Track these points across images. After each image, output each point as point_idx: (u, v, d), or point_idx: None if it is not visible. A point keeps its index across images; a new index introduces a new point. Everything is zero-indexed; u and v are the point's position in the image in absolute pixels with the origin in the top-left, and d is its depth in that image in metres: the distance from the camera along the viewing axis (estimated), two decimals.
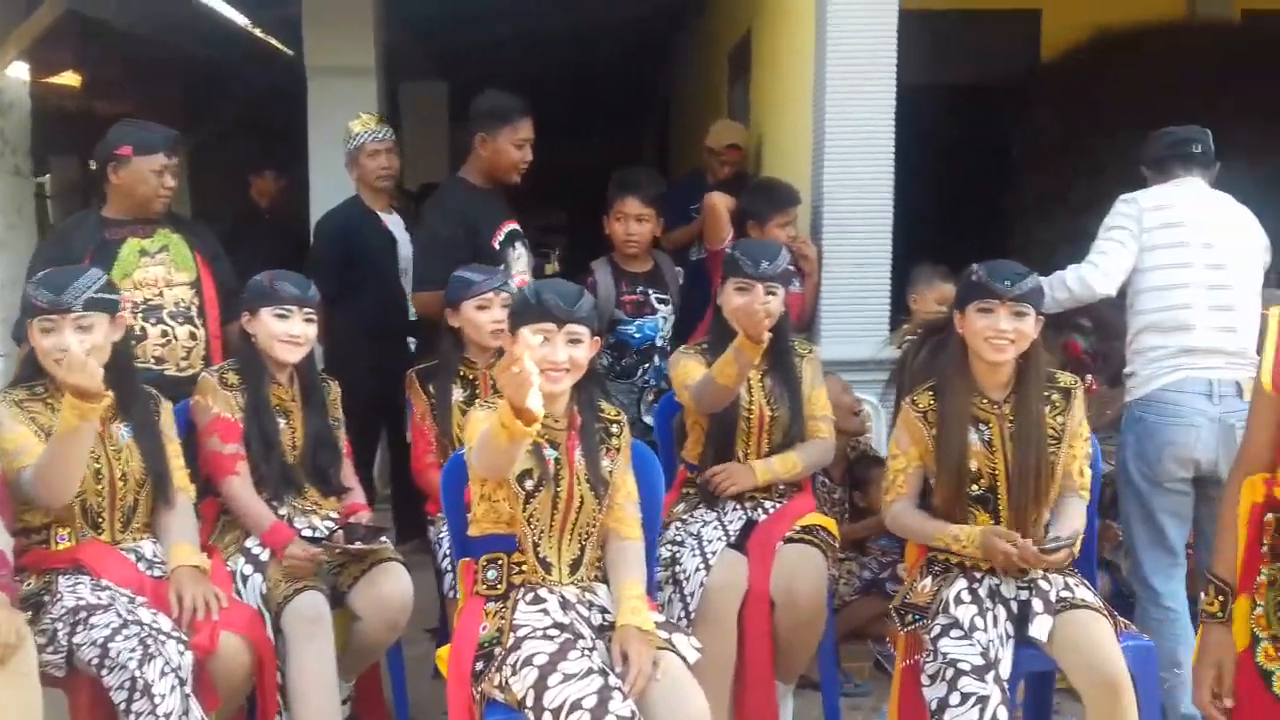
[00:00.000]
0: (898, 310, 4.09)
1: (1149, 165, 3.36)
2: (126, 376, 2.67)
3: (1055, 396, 2.71)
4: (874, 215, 3.97)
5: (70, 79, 6.36)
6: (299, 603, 2.64)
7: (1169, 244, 3.15)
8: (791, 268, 3.07)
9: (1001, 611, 2.56)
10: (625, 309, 3.92)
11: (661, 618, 2.46)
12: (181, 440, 2.82)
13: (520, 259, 3.80)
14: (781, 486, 3.07)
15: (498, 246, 3.69)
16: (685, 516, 3.04)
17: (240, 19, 6.19)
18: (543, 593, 2.41)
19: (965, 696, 2.38)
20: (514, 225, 3.78)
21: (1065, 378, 2.77)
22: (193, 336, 3.31)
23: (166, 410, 2.78)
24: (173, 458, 2.72)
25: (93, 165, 3.46)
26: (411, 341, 4.35)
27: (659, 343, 3.93)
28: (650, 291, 3.99)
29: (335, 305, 4.28)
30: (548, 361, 2.35)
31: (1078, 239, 6.62)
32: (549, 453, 2.43)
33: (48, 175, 8.90)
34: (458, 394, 3.27)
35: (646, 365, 3.93)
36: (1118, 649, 2.47)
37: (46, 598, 2.46)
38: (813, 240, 4.05)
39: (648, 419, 3.98)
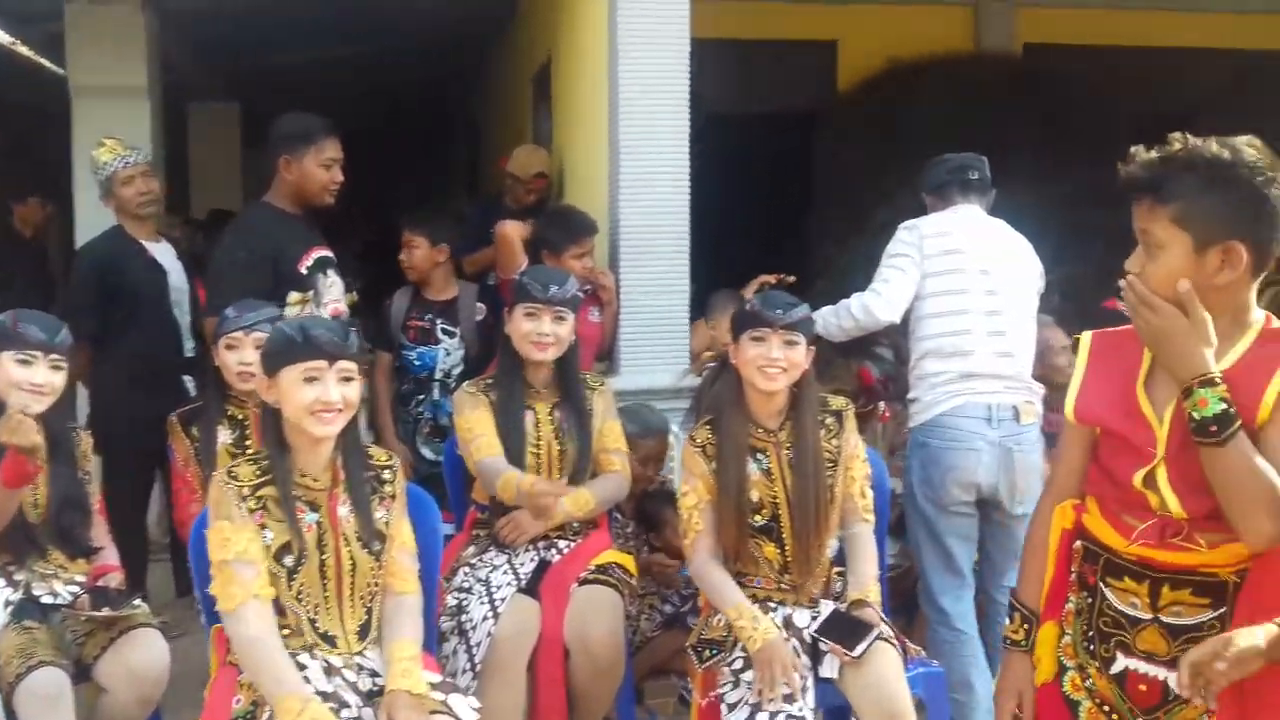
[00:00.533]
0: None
1: (929, 192, 3.42)
2: None
3: (829, 420, 2.73)
4: (671, 243, 3.93)
5: None
6: (33, 681, 2.35)
7: (948, 270, 3.19)
8: (580, 294, 2.97)
9: (795, 644, 2.53)
10: (409, 334, 3.81)
11: (438, 678, 2.30)
12: None
13: (333, 286, 3.59)
14: (576, 524, 2.96)
15: (305, 272, 3.47)
16: (474, 561, 2.88)
17: (3, 36, 5.72)
18: (304, 658, 2.21)
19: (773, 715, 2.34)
20: (324, 252, 3.57)
21: (836, 401, 2.80)
22: None
23: None
24: None
25: None
26: (189, 380, 4.05)
27: (439, 375, 3.83)
28: (439, 321, 3.88)
29: (99, 345, 3.95)
30: (320, 403, 2.18)
31: (875, 265, 6.89)
32: (308, 518, 2.25)
33: None
34: (224, 436, 3.02)
35: (423, 396, 3.83)
36: (903, 682, 2.47)
37: None
38: (611, 268, 3.98)
39: (425, 450, 3.86)
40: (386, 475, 2.38)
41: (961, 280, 3.17)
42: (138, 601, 2.66)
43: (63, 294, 3.97)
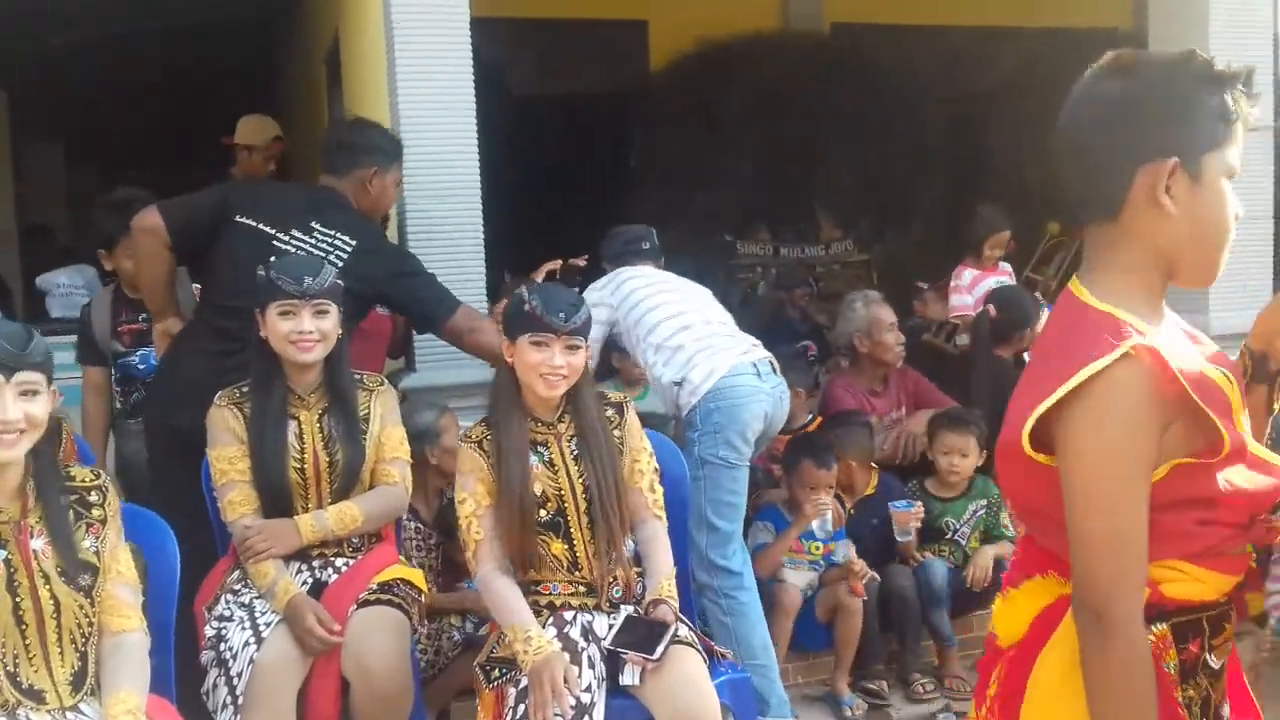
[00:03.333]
0: None
1: (608, 260, 3.64)
2: None
3: (609, 412, 2.61)
4: (463, 227, 3.69)
5: None
6: None
7: (649, 291, 3.36)
8: (340, 283, 2.70)
9: (595, 652, 2.38)
10: (123, 340, 3.47)
11: None
12: None
13: None
14: (356, 540, 2.70)
15: None
16: (237, 586, 2.60)
17: None
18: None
19: None
20: None
21: (614, 394, 2.72)
22: None
23: None
24: None
25: None
26: None
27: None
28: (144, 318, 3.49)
29: None
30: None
31: (699, 248, 6.83)
32: None
33: None
34: None
35: None
36: (709, 685, 2.34)
37: None
38: None
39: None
40: (94, 497, 2.08)
41: (664, 296, 3.37)
42: None
43: None
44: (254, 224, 3.03)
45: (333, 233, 3.05)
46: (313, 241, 3.03)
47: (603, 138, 7.04)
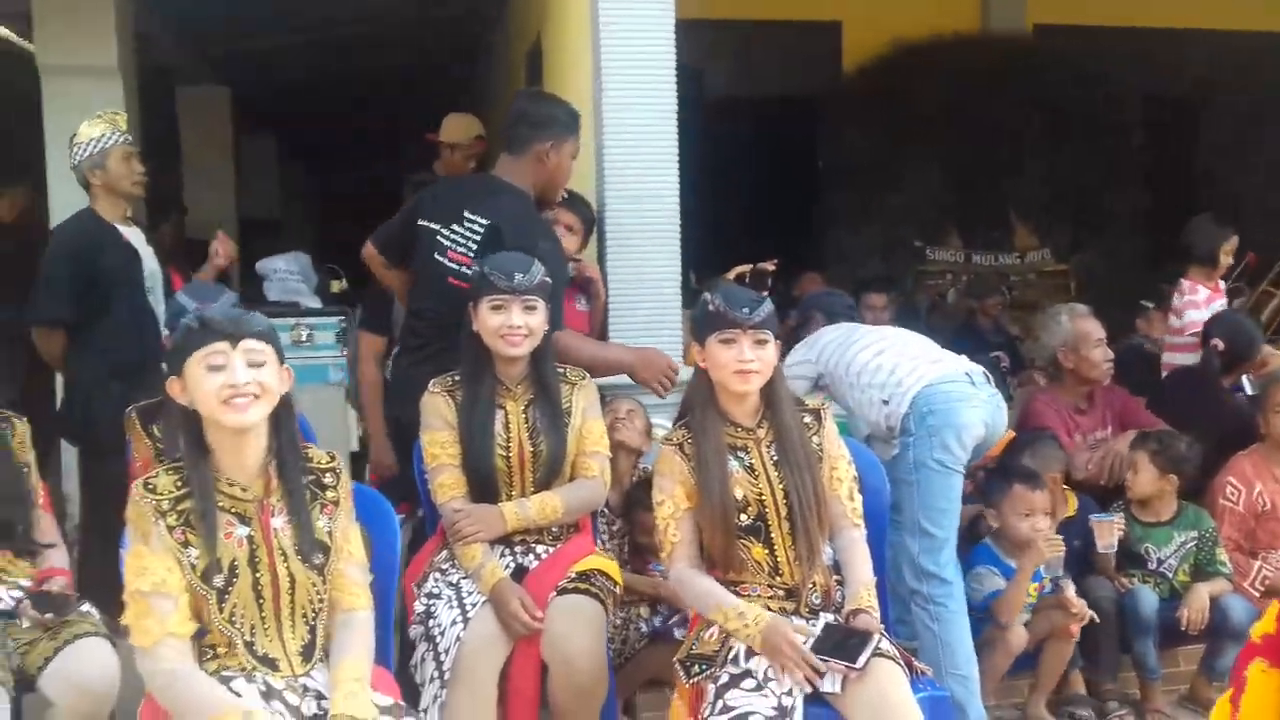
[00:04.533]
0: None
1: (826, 316, 3.71)
2: None
3: (807, 418, 2.59)
4: (660, 231, 3.73)
5: None
6: None
7: (850, 336, 3.41)
8: (548, 280, 2.78)
9: None
10: None
11: (389, 701, 2.12)
12: None
13: None
14: (556, 528, 2.79)
15: None
16: (445, 566, 2.71)
17: None
18: (239, 683, 2.02)
19: None
20: None
21: (811, 400, 2.70)
22: None
23: None
24: None
25: None
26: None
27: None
28: None
29: (74, 333, 3.80)
30: (229, 387, 1.99)
31: (887, 253, 6.72)
32: (238, 532, 2.06)
33: None
34: None
35: None
36: (912, 702, 2.30)
37: None
38: (599, 257, 3.80)
39: None
40: (328, 479, 2.18)
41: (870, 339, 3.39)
42: (86, 608, 2.51)
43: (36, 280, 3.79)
44: (428, 224, 3.17)
45: (476, 218, 3.13)
46: (463, 232, 3.14)
47: (792, 140, 7.01)
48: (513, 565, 2.70)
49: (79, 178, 3.83)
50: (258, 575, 2.05)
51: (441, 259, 3.13)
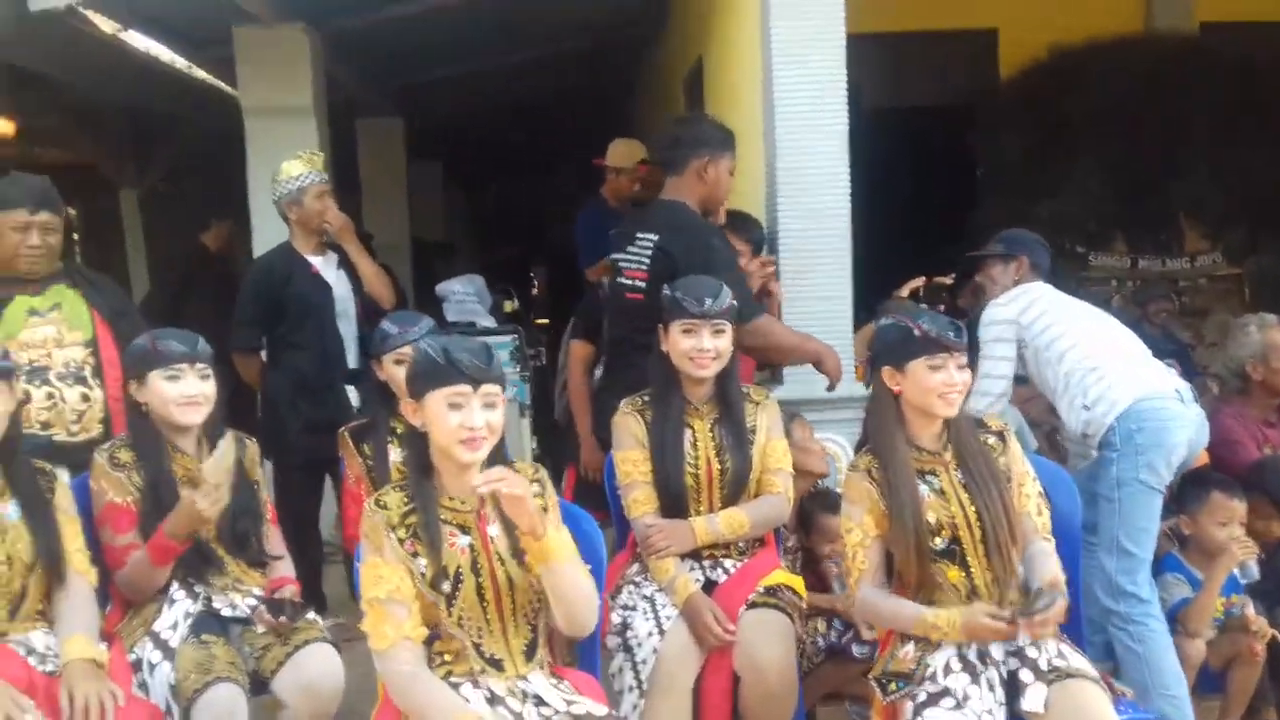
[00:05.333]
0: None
1: (1031, 261, 3.58)
2: (14, 451, 2.48)
3: (990, 440, 2.60)
4: (832, 248, 3.80)
5: (5, 127, 6.15)
6: (211, 696, 2.40)
7: (1060, 315, 3.33)
8: (735, 303, 2.89)
9: (994, 675, 2.38)
10: None
11: (602, 710, 2.25)
12: (85, 519, 2.61)
13: None
14: (742, 543, 2.88)
15: None
16: (638, 579, 2.84)
17: (180, 61, 6.00)
18: (466, 689, 2.19)
19: None
20: None
21: (993, 421, 2.69)
22: (85, 399, 3.10)
23: (62, 486, 2.57)
24: (69, 538, 2.49)
25: None
26: (352, 391, 4.16)
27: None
28: None
29: (269, 357, 4.12)
30: (466, 429, 2.16)
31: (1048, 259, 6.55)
32: (461, 541, 2.23)
33: None
34: (395, 454, 3.07)
35: None
36: None
37: None
38: None
39: None
40: (535, 489, 2.33)
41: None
42: (312, 615, 2.72)
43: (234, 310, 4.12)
44: (614, 257, 3.41)
45: (647, 235, 3.29)
46: (636, 251, 3.30)
47: (947, 149, 6.96)
48: (702, 579, 2.81)
49: (279, 211, 4.14)
50: (480, 580, 2.22)
51: (621, 280, 3.34)
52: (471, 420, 2.15)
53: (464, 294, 5.69)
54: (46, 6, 3.88)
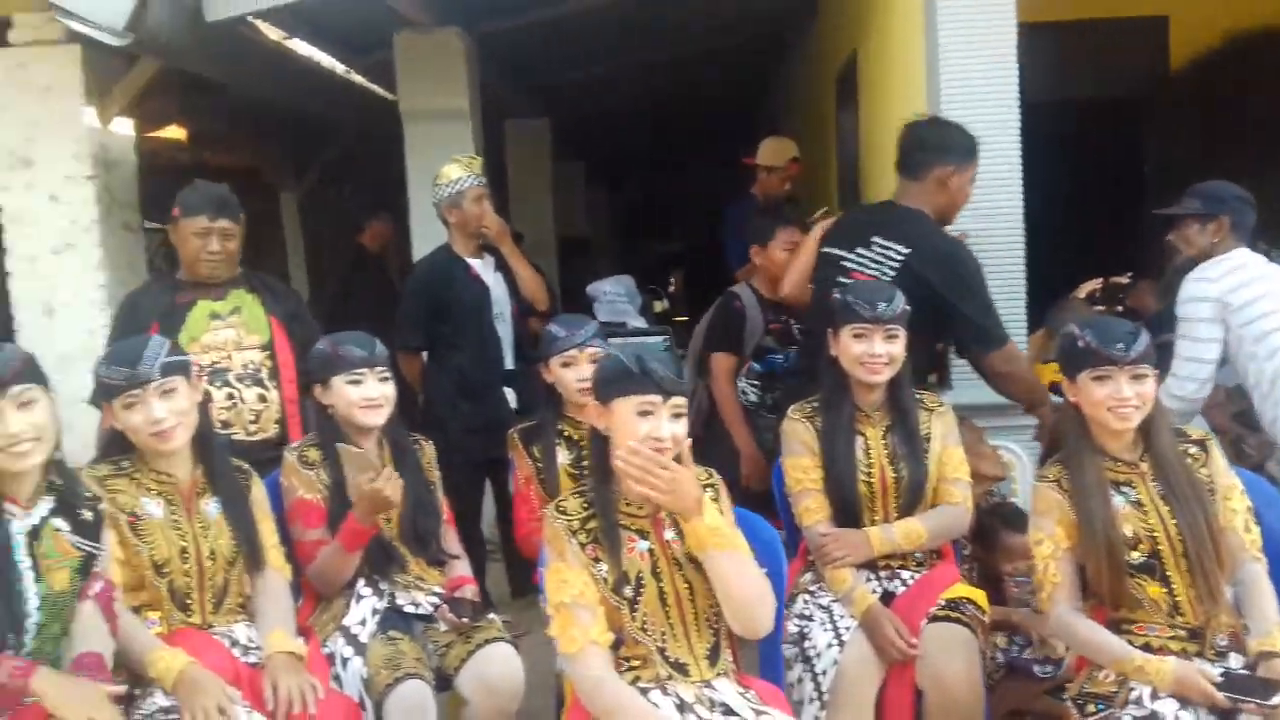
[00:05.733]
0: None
1: (1234, 221, 3.30)
2: (211, 447, 2.56)
3: (1192, 450, 2.47)
4: (1004, 247, 3.67)
5: (175, 133, 6.43)
6: (402, 691, 2.45)
7: (1264, 291, 3.12)
8: (907, 308, 2.80)
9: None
10: (774, 336, 3.76)
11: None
12: (276, 516, 2.69)
13: None
14: (919, 554, 2.80)
15: None
16: (812, 588, 2.78)
17: (339, 67, 6.18)
18: (655, 695, 2.17)
19: None
20: None
21: (1194, 430, 2.56)
22: (262, 399, 3.21)
23: (258, 483, 2.65)
24: (266, 534, 2.58)
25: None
26: (510, 392, 4.21)
27: None
28: (792, 321, 3.90)
29: (430, 357, 4.19)
30: (653, 440, 2.15)
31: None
32: (640, 546, 2.22)
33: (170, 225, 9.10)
34: (563, 457, 3.08)
35: None
36: None
37: (138, 691, 2.31)
38: None
39: None
40: (709, 494, 2.30)
41: None
42: (492, 615, 2.75)
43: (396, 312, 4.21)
44: (830, 249, 3.26)
45: (889, 244, 3.15)
46: (871, 256, 3.17)
47: (1112, 143, 6.66)
48: (879, 590, 2.73)
49: (438, 215, 4.21)
50: (661, 585, 2.21)
51: (843, 280, 3.17)
52: (659, 430, 2.14)
53: (614, 294, 5.72)
54: (223, 16, 4.03)
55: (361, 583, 2.71)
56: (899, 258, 3.12)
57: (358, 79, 6.33)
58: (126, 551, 2.36)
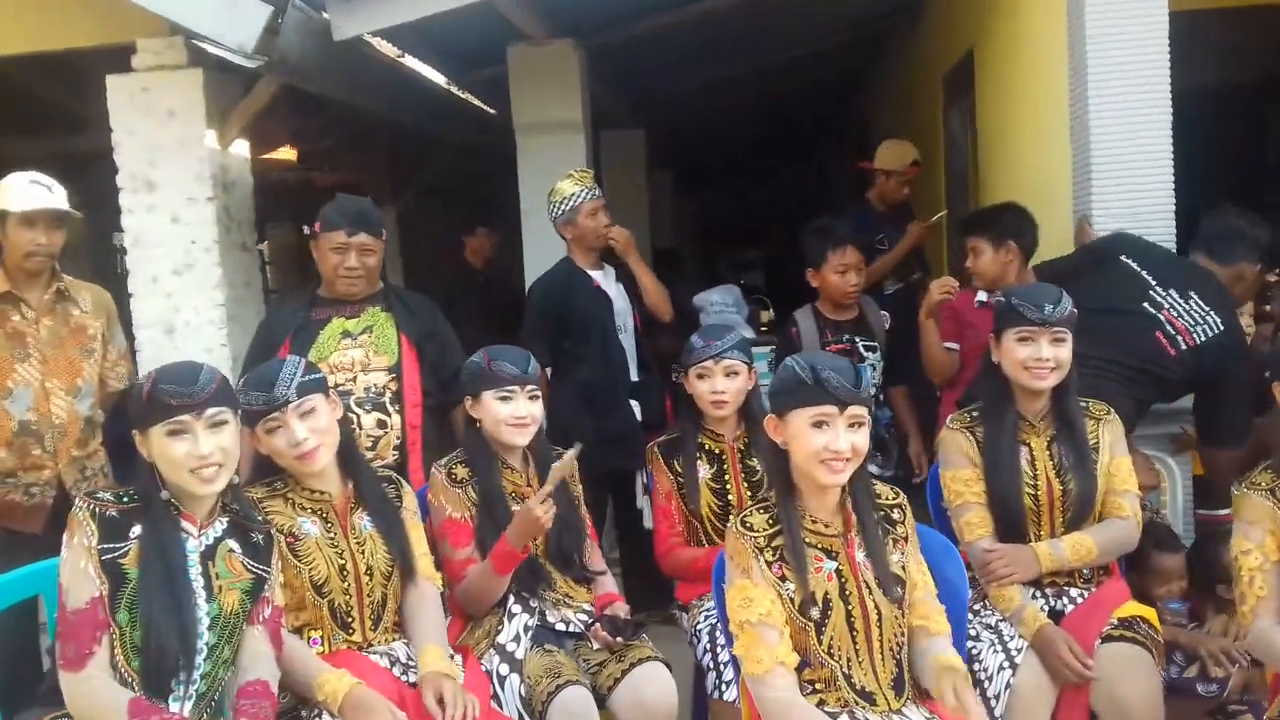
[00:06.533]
0: None
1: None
2: (358, 461, 2.55)
3: None
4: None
5: (287, 153, 6.53)
6: (565, 698, 2.41)
7: None
8: (1075, 310, 2.67)
9: None
10: None
11: None
12: None
13: None
14: (1086, 570, 2.67)
15: None
16: (976, 607, 2.66)
17: (442, 82, 6.21)
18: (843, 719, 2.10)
19: None
20: None
21: None
22: (381, 425, 3.15)
23: (408, 492, 2.63)
24: (416, 542, 2.55)
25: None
26: (635, 404, 4.15)
27: (871, 391, 3.71)
28: (857, 339, 3.83)
29: (554, 372, 4.14)
30: (830, 451, 2.07)
31: None
32: (828, 566, 2.14)
33: (264, 242, 9.28)
34: (704, 470, 3.02)
35: None
36: None
37: (304, 713, 2.29)
38: None
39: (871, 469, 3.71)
40: (896, 515, 2.23)
41: None
42: (644, 635, 2.69)
43: (521, 323, 4.17)
44: (1137, 268, 3.22)
45: (1208, 310, 3.13)
46: (1186, 308, 3.14)
47: (1237, 134, 6.41)
48: (1046, 609, 2.62)
49: (556, 230, 4.17)
50: (849, 608, 2.12)
51: (1154, 312, 3.15)
52: (837, 443, 2.07)
53: (722, 304, 5.63)
54: (350, 35, 4.04)
55: (512, 600, 2.67)
56: (1214, 330, 3.11)
57: (459, 94, 6.35)
58: (287, 573, 2.35)
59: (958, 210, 5.96)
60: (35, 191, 3.15)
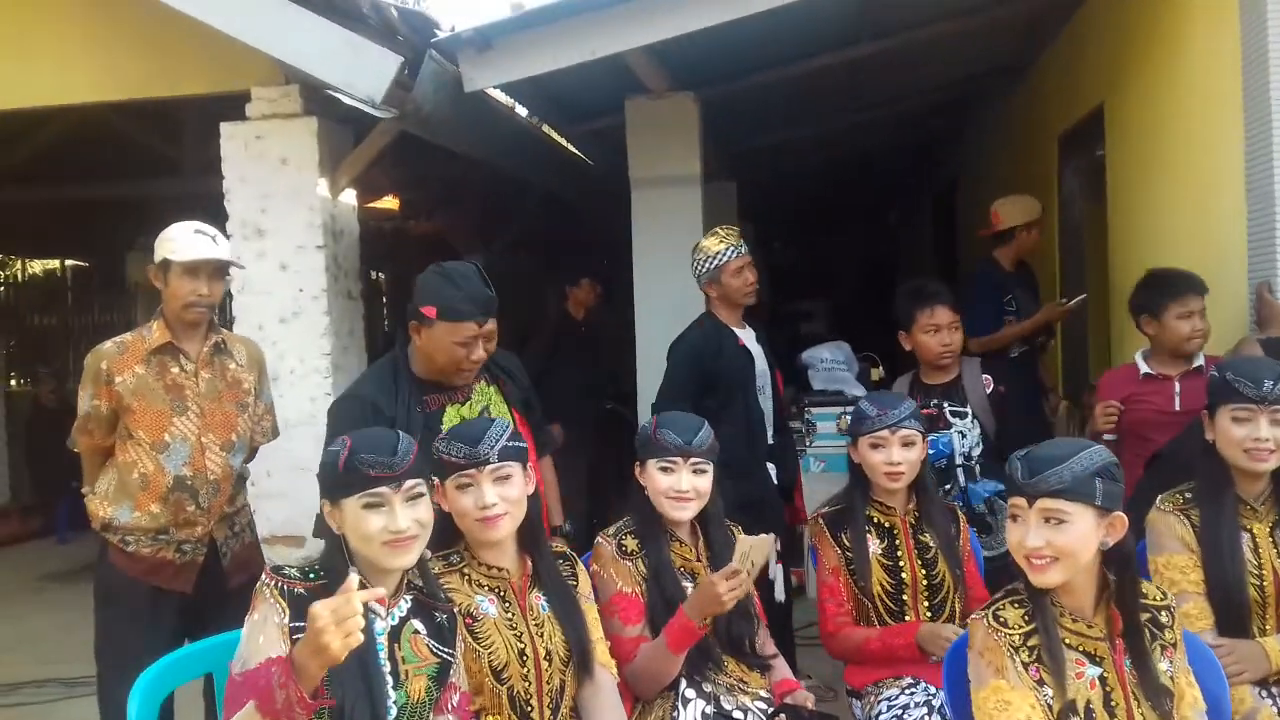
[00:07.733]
0: None
1: None
2: (539, 539, 2.39)
3: None
4: None
5: (389, 202, 6.49)
6: None
7: None
8: None
9: None
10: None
11: None
12: None
13: None
14: None
15: None
16: None
17: (550, 131, 6.15)
18: None
19: None
20: None
21: None
22: None
23: (582, 571, 2.47)
24: (591, 626, 2.38)
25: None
26: (771, 467, 3.97)
27: (959, 460, 3.52)
28: (945, 404, 3.59)
29: None
30: (1025, 548, 1.92)
31: None
32: (1091, 672, 1.94)
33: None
34: (874, 545, 2.83)
35: (948, 485, 3.49)
36: None
37: None
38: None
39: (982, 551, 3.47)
40: (1164, 618, 2.02)
41: None
42: None
43: (662, 384, 4.01)
44: None
45: None
46: None
47: None
48: (1276, 709, 2.38)
49: (699, 287, 4.02)
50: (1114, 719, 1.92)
51: None
52: (1027, 540, 1.91)
53: (832, 361, 5.47)
54: (480, 86, 3.97)
55: (684, 684, 2.48)
56: None
57: (566, 145, 6.29)
58: (465, 656, 2.18)
59: (1071, 277, 5.78)
60: (200, 241, 3.07)
